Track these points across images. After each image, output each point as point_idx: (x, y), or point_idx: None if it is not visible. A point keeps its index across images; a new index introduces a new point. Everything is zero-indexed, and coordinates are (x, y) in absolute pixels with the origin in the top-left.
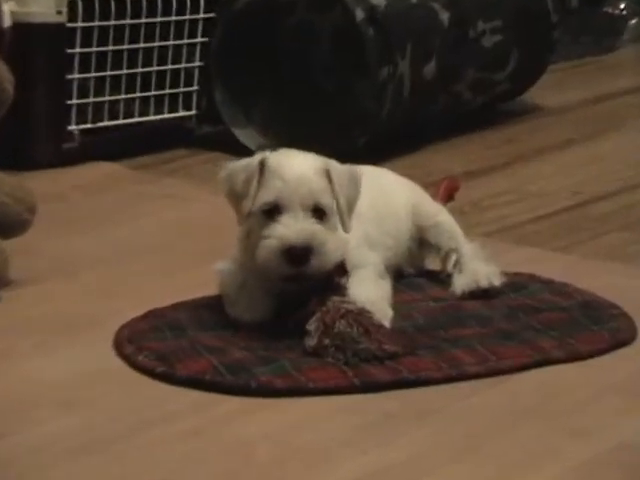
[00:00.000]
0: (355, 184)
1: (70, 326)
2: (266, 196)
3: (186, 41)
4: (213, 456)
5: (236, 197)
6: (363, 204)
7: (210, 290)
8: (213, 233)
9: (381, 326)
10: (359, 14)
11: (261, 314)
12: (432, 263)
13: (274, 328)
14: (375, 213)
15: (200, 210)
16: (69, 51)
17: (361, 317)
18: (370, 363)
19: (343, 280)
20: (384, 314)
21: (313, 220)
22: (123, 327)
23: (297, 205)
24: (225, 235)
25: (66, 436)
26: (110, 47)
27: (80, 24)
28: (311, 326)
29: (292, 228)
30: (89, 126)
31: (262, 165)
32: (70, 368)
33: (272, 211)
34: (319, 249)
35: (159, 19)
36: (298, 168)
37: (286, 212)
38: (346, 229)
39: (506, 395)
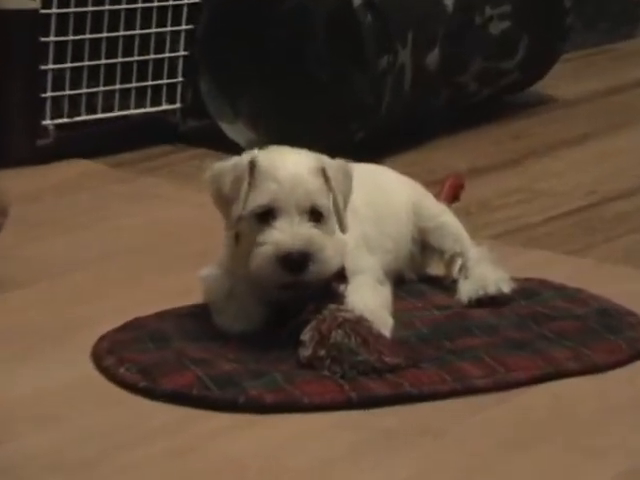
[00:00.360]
0: (349, 180)
1: (45, 335)
2: (259, 199)
3: (169, 29)
4: (200, 476)
5: (224, 200)
6: (360, 203)
7: (196, 297)
8: (199, 235)
9: (381, 336)
10: None
11: (251, 324)
12: (435, 268)
13: (265, 338)
14: (373, 213)
15: (184, 211)
16: (43, 39)
17: (359, 326)
18: (369, 376)
19: (342, 287)
20: (384, 323)
21: (310, 224)
22: (102, 337)
23: (293, 208)
24: (212, 238)
25: (40, 456)
26: (87, 35)
27: (55, 10)
28: (305, 336)
29: (289, 233)
30: (65, 121)
31: (252, 165)
32: (45, 381)
33: (266, 215)
34: (317, 255)
35: (140, 5)
36: (292, 168)
37: (281, 216)
38: (344, 229)
39: (516, 410)
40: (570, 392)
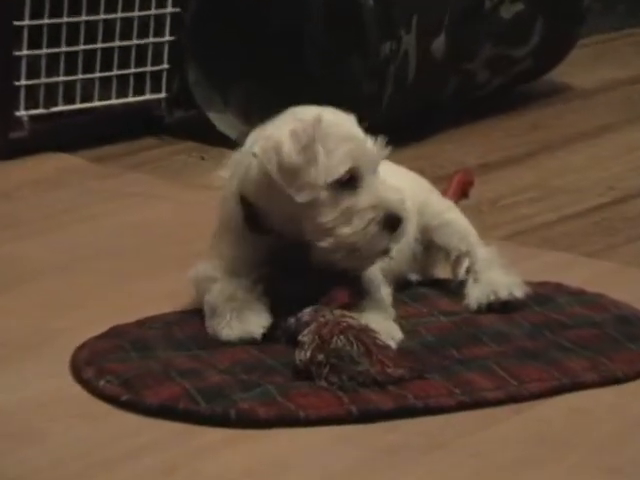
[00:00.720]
0: None
1: (18, 346)
2: (341, 164)
3: (154, 12)
4: None
5: (291, 172)
6: None
7: (183, 302)
8: (187, 235)
9: (386, 347)
10: None
11: (250, 331)
12: (441, 270)
13: (258, 346)
14: None
15: (170, 209)
16: (17, 23)
17: (364, 335)
18: (370, 388)
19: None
20: (392, 335)
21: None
22: (81, 347)
23: (373, 167)
24: (201, 238)
25: (24, 474)
26: (65, 19)
27: None
28: (304, 337)
29: (389, 194)
30: (40, 111)
31: (317, 127)
32: (19, 396)
33: (345, 180)
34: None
35: None
36: (355, 125)
37: (363, 178)
38: None
39: (529, 425)
40: (587, 405)
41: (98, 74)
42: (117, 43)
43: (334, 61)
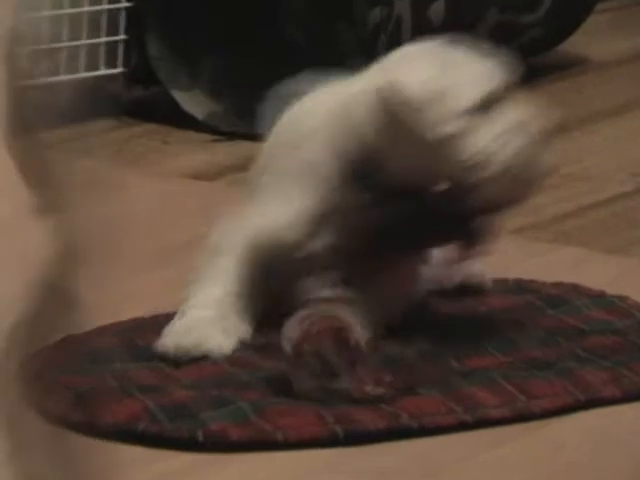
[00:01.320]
0: None
1: None
2: (475, 89)
3: None
4: None
5: (424, 105)
6: None
7: (144, 308)
8: (148, 232)
9: (367, 355)
10: None
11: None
12: None
13: (229, 357)
14: None
15: (131, 201)
16: None
17: (348, 342)
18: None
19: None
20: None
21: None
22: (30, 358)
23: (504, 91)
24: (166, 232)
25: None
26: None
27: None
28: (288, 328)
29: (530, 109)
30: None
31: None
32: None
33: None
34: None
35: None
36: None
37: (496, 102)
38: None
39: (540, 447)
40: (607, 424)
41: (45, 46)
42: (67, 10)
43: (317, 31)
